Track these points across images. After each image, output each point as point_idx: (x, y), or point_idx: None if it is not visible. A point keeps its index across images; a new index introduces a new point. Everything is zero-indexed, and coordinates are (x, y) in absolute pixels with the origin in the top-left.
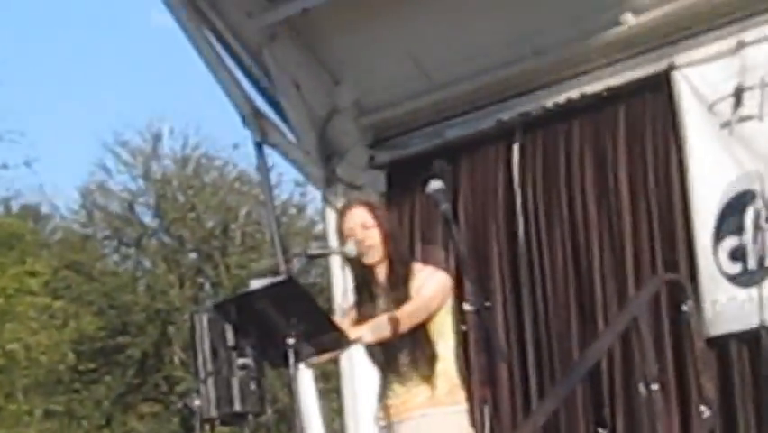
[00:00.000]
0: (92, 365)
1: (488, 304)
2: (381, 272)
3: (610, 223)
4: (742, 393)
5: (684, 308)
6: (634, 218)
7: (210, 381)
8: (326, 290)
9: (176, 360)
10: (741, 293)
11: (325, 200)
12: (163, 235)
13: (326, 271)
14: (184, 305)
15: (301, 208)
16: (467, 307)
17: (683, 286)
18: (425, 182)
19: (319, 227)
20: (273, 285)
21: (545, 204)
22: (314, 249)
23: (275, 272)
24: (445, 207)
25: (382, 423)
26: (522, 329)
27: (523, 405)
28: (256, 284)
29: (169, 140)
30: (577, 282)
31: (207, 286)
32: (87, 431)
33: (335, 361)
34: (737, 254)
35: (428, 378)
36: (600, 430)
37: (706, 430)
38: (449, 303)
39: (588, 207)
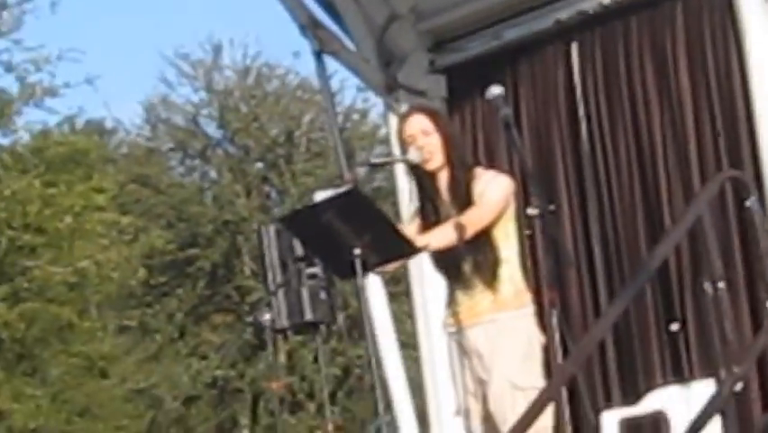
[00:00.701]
0: (163, 279)
1: (552, 207)
2: (443, 179)
3: (673, 120)
4: None
5: (747, 204)
6: (696, 115)
7: (280, 292)
8: (392, 194)
9: (246, 270)
10: None
11: (387, 107)
12: (228, 146)
13: (391, 176)
14: (251, 214)
15: (364, 113)
16: (531, 211)
17: (746, 182)
18: (485, 88)
19: (383, 131)
20: (337, 196)
21: (607, 103)
22: (376, 158)
23: (339, 182)
24: (505, 112)
25: (451, 329)
26: (588, 231)
27: (593, 306)
28: (320, 196)
29: (230, 51)
30: (642, 182)
31: (274, 194)
32: (161, 344)
33: (404, 265)
34: None
35: (492, 283)
36: (672, 326)
37: None
38: (512, 207)
39: (650, 105)
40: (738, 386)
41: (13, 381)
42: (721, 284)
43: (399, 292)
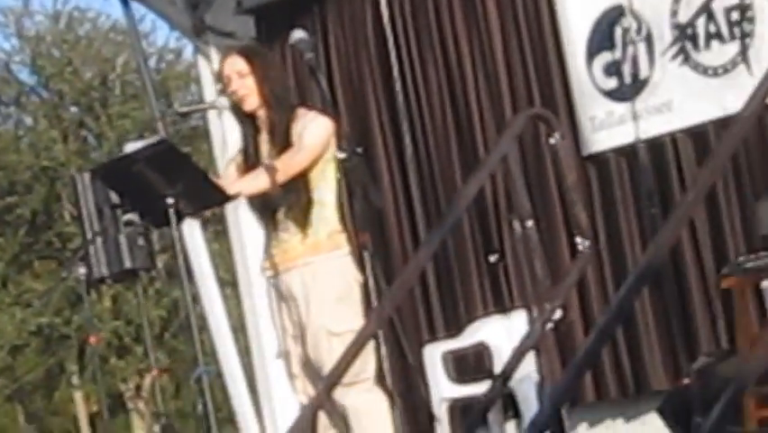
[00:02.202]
0: None
1: (359, 150)
2: (263, 120)
3: (483, 54)
4: (624, 208)
5: (552, 141)
6: (505, 44)
7: (98, 241)
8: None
9: (66, 216)
10: (618, 107)
11: (197, 49)
12: (42, 92)
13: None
14: (69, 160)
15: (178, 53)
16: (339, 154)
17: (550, 119)
18: (293, 29)
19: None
20: (147, 147)
21: (416, 40)
22: (185, 107)
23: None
24: (310, 56)
25: (268, 273)
26: (405, 170)
27: (413, 246)
28: (131, 147)
29: None
30: (455, 119)
31: (91, 138)
32: None
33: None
34: (611, 69)
35: (306, 226)
36: (491, 258)
37: (584, 261)
38: (332, 149)
39: (459, 40)
40: (556, 315)
41: None
42: (529, 222)
43: (223, 231)
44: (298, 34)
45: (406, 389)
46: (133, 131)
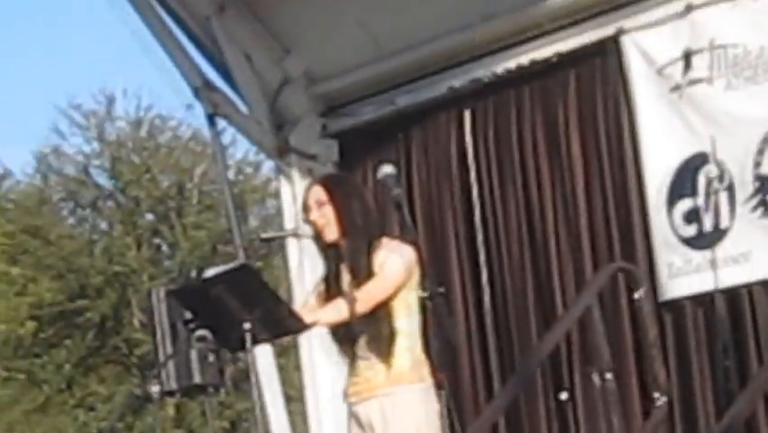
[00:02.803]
0: (51, 330)
1: (441, 289)
2: (344, 248)
3: (564, 196)
4: (698, 357)
5: (636, 295)
6: (587, 186)
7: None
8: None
9: (135, 322)
10: (696, 255)
11: (279, 170)
12: (119, 197)
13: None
14: (142, 266)
15: (257, 166)
16: (421, 293)
17: (635, 273)
18: (378, 159)
19: (275, 184)
20: (228, 272)
21: (498, 173)
22: (268, 233)
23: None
24: (397, 192)
25: (350, 400)
26: (481, 310)
27: (485, 387)
28: (211, 272)
29: (123, 102)
30: (533, 263)
31: (164, 247)
32: (48, 395)
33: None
34: (692, 217)
35: (389, 356)
36: (561, 395)
37: (660, 416)
38: (415, 278)
39: (541, 178)
40: None
41: None
42: (609, 375)
43: (289, 346)
44: (387, 170)
45: None
46: (207, 242)
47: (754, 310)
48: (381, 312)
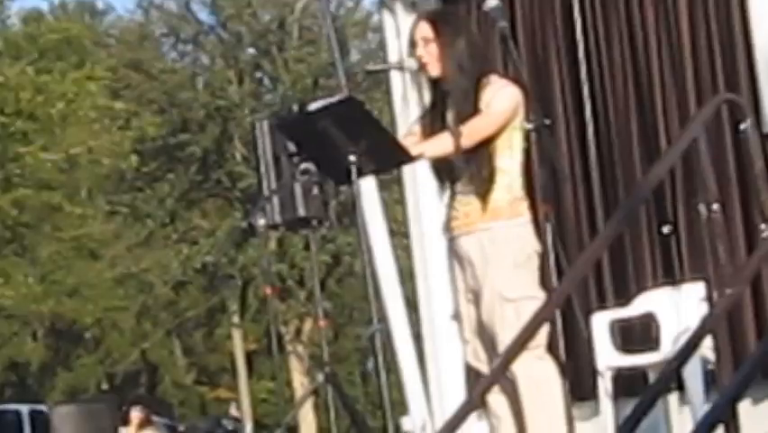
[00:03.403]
0: (154, 164)
1: (547, 121)
2: (450, 84)
3: (668, 26)
4: None
5: (742, 126)
6: (691, 18)
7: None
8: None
9: (237, 156)
10: None
11: (381, 3)
12: (220, 32)
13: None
14: (243, 101)
15: (358, 1)
16: (526, 125)
17: (741, 105)
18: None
19: (375, 18)
20: (333, 104)
21: (603, 12)
22: (372, 65)
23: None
24: (503, 25)
25: (448, 235)
26: (585, 146)
27: (588, 220)
28: (316, 105)
29: None
30: (638, 100)
31: (266, 81)
32: (152, 229)
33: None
34: None
35: (488, 192)
36: (664, 229)
37: (767, 248)
38: (519, 118)
39: (646, 21)
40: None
41: (2, 263)
42: (715, 206)
43: (390, 180)
44: (492, 2)
45: (572, 356)
46: (309, 75)
47: None
48: (483, 150)
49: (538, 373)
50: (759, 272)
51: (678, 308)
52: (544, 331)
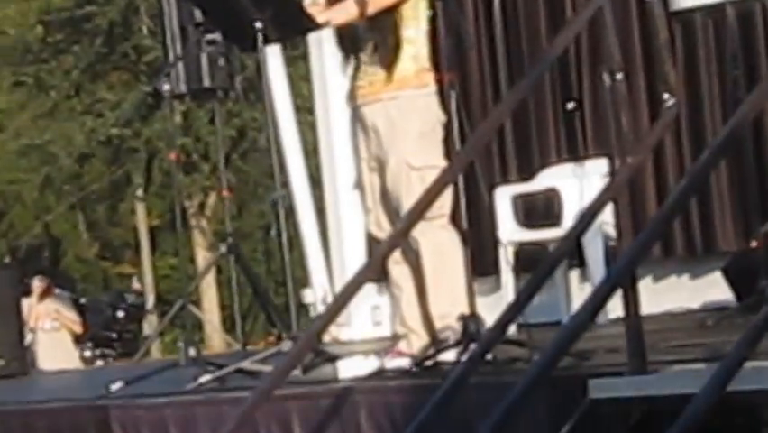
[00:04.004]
0: (60, 36)
1: None
2: None
3: None
4: (707, 67)
5: None
6: None
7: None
8: None
9: (144, 29)
10: None
11: None
12: None
13: None
14: None
15: None
16: None
17: None
18: None
19: None
20: None
21: None
22: None
23: None
24: None
25: (352, 104)
26: (491, 15)
27: (493, 91)
28: None
29: None
30: None
31: None
32: (56, 101)
33: None
34: None
35: (394, 62)
36: (568, 104)
37: (669, 118)
38: None
39: None
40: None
41: None
42: (619, 75)
43: (297, 56)
44: None
45: (474, 230)
46: None
47: (766, 21)
48: (389, 19)
49: (441, 242)
50: (661, 142)
51: (581, 184)
52: (447, 200)
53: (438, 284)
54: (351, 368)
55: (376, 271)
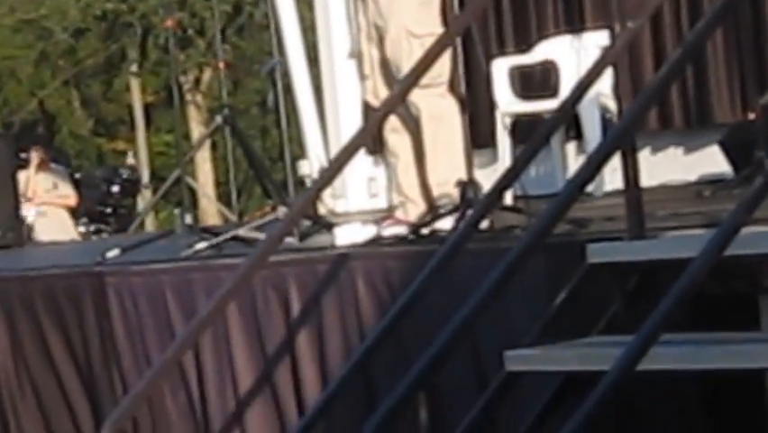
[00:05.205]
0: None
1: None
2: None
3: None
4: None
5: None
6: None
7: None
8: None
9: None
10: None
11: None
12: None
13: None
14: None
15: None
16: None
17: None
18: None
19: None
20: None
21: None
22: None
23: None
24: None
25: None
26: None
27: None
28: None
29: None
30: None
31: None
32: None
33: None
34: None
35: None
36: None
37: None
38: None
39: None
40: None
41: None
42: None
43: None
44: None
45: (471, 102)
46: None
47: None
48: None
49: (440, 110)
50: (660, 8)
51: (579, 56)
52: (446, 68)
53: (436, 151)
54: (347, 235)
55: (372, 135)
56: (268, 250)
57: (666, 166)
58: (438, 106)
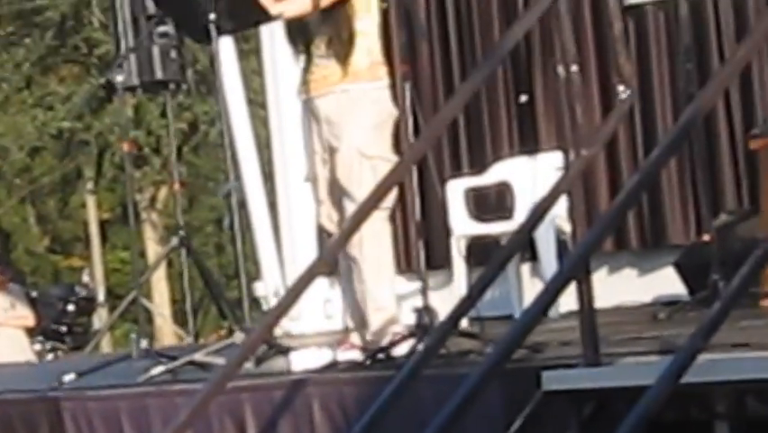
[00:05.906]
0: (10, 28)
1: None
2: None
3: None
4: (658, 60)
5: None
6: None
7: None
8: None
9: (95, 21)
10: None
11: None
12: None
13: None
14: None
15: None
16: None
17: None
18: None
19: None
20: None
21: None
22: None
23: None
24: None
25: (303, 96)
26: (444, 10)
27: (445, 84)
28: None
29: None
30: None
31: None
32: (7, 94)
33: None
34: None
35: (348, 55)
36: (521, 98)
37: (624, 109)
38: None
39: None
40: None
41: None
42: (574, 67)
43: (249, 50)
44: None
45: (426, 224)
46: None
47: (718, 16)
48: (342, 12)
49: (381, 235)
50: (615, 135)
51: (534, 177)
52: (392, 194)
53: (372, 265)
54: (303, 360)
55: (329, 264)
56: (225, 376)
57: (622, 287)
58: (380, 231)
